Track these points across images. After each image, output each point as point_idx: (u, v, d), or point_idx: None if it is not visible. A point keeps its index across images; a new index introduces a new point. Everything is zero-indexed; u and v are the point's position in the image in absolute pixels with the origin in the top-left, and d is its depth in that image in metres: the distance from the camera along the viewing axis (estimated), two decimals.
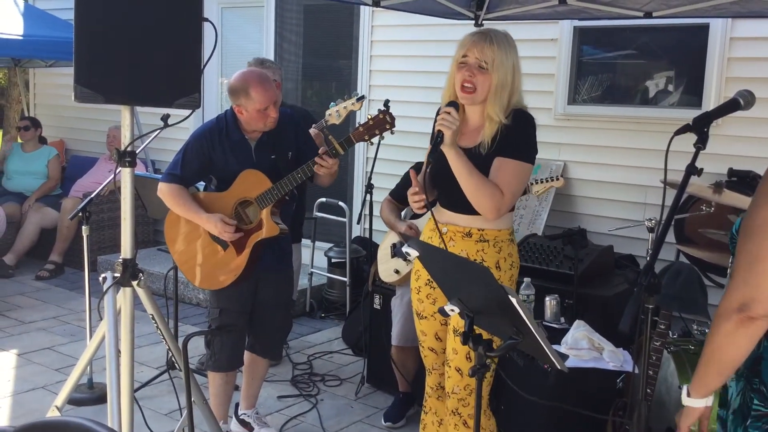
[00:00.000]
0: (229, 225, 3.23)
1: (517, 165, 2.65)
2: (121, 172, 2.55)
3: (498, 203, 2.61)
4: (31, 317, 5.50)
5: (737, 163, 4.44)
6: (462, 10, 4.48)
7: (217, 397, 3.53)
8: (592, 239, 4.74)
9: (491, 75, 2.63)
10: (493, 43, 2.64)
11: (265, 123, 3.29)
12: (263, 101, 3.22)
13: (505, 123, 2.65)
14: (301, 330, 5.43)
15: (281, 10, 6.73)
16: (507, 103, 2.67)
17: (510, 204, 2.67)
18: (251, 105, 3.23)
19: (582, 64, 5.19)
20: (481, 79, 2.64)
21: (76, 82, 2.34)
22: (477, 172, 2.61)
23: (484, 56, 2.63)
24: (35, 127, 7.33)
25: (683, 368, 3.07)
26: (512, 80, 2.66)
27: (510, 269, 2.76)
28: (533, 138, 2.73)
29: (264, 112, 3.25)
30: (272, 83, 3.35)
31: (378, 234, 4.77)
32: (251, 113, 3.25)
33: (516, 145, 2.66)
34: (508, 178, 2.63)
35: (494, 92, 2.64)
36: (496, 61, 2.62)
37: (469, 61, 2.65)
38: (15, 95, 9.26)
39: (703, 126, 1.98)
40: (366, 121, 3.10)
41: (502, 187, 2.61)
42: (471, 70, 2.64)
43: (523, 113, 2.71)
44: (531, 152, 2.72)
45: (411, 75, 5.83)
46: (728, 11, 3.91)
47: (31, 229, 6.79)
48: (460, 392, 2.77)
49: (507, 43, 2.68)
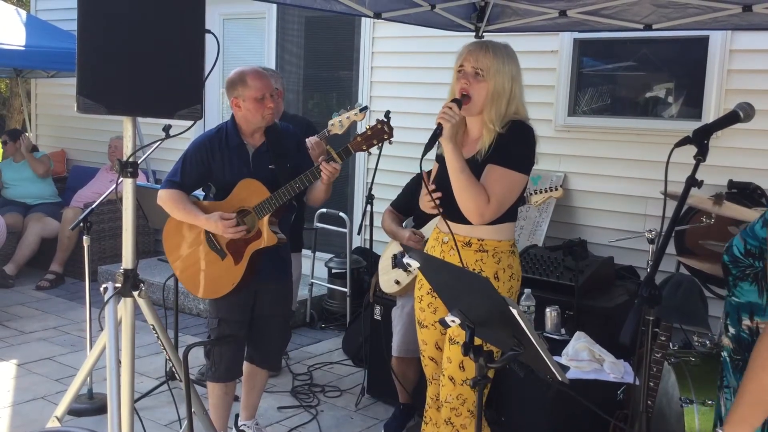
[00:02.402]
0: (228, 220, 3.23)
1: (506, 173, 2.64)
2: (122, 182, 2.55)
3: (482, 208, 2.61)
4: (31, 327, 5.50)
5: (737, 175, 4.45)
6: (463, 22, 4.51)
7: (216, 408, 3.52)
8: (593, 250, 4.74)
9: (487, 83, 2.64)
10: (489, 51, 2.65)
11: (263, 115, 3.30)
12: (260, 88, 3.25)
13: (501, 132, 2.65)
14: (302, 341, 5.42)
15: (283, 22, 6.76)
16: (504, 112, 2.66)
17: (495, 211, 2.64)
18: (248, 93, 3.25)
19: (582, 76, 5.21)
20: (476, 86, 2.65)
21: (79, 92, 2.34)
22: (468, 173, 2.62)
23: (479, 64, 2.64)
24: (13, 139, 7.30)
25: (684, 380, 3.06)
26: (510, 89, 2.66)
27: (509, 280, 2.75)
28: (528, 149, 2.71)
29: (261, 101, 3.27)
30: (268, 75, 3.39)
31: (378, 244, 4.77)
32: (249, 103, 3.27)
33: (508, 153, 2.65)
34: (495, 185, 2.63)
35: (490, 100, 2.64)
36: (492, 69, 2.63)
37: (465, 70, 2.67)
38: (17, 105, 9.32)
39: (703, 138, 1.99)
40: (364, 131, 3.12)
41: (489, 193, 2.62)
42: (467, 78, 2.66)
43: (520, 124, 2.70)
44: (523, 162, 2.70)
45: (412, 86, 5.85)
46: (728, 23, 3.93)
47: (32, 239, 6.80)
48: (452, 401, 2.77)
49: (505, 53, 2.69)
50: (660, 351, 2.99)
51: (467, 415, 2.75)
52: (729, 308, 2.01)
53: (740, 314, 1.95)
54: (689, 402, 2.97)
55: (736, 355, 1.99)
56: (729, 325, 2.02)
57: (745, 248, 1.91)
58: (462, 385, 2.75)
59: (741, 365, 1.97)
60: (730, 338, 2.01)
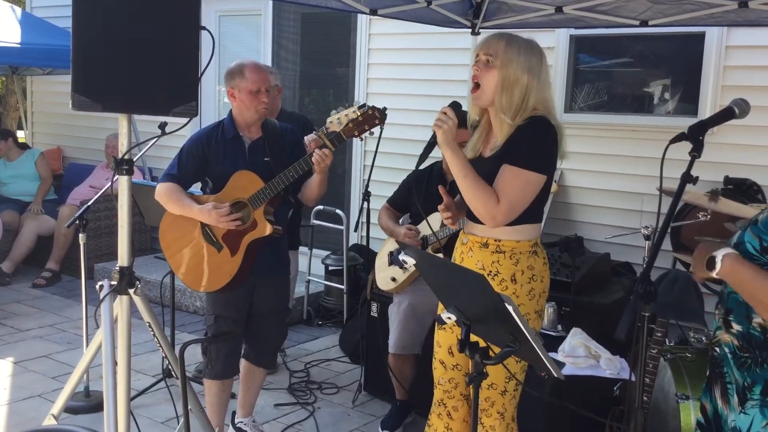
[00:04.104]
0: (222, 209, 3.24)
1: (518, 173, 2.51)
2: (118, 179, 2.55)
3: (492, 210, 2.50)
4: (27, 325, 5.49)
5: (733, 171, 4.46)
6: (459, 19, 4.51)
7: (213, 406, 3.52)
8: (589, 247, 4.75)
9: (497, 70, 2.53)
10: (502, 40, 2.55)
11: (257, 108, 3.34)
12: (256, 81, 3.31)
13: (518, 125, 2.53)
14: (298, 338, 5.42)
15: (279, 19, 6.75)
16: (519, 104, 2.53)
17: (506, 213, 2.51)
18: (244, 84, 3.31)
19: (578, 73, 5.21)
20: (486, 74, 2.55)
21: (74, 90, 2.34)
22: (473, 176, 2.52)
23: (490, 50, 2.54)
24: (5, 138, 7.28)
25: (680, 376, 3.07)
26: (527, 81, 2.52)
27: (529, 282, 2.59)
28: (546, 147, 2.56)
29: (256, 95, 3.32)
30: (267, 72, 3.45)
31: (375, 241, 4.77)
32: (244, 94, 3.32)
33: (521, 151, 2.52)
34: (506, 186, 2.51)
35: (500, 89, 2.53)
36: (503, 57, 2.52)
37: (480, 59, 2.58)
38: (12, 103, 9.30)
39: (698, 134, 1.99)
40: (356, 117, 3.15)
41: (499, 194, 2.50)
42: (478, 66, 2.57)
43: (539, 119, 2.54)
44: (540, 161, 2.53)
45: (408, 83, 5.85)
46: (724, 20, 3.93)
47: (28, 236, 6.78)
48: (445, 384, 2.76)
49: (523, 44, 2.57)
50: (656, 347, 2.99)
51: (459, 398, 2.76)
52: (733, 304, 2.00)
53: (749, 311, 1.94)
54: (685, 398, 2.98)
55: (742, 352, 1.97)
56: (733, 321, 2.00)
57: (761, 245, 1.90)
58: (453, 369, 2.75)
59: (749, 363, 1.96)
60: (735, 335, 2.00)
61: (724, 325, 2.04)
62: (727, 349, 2.03)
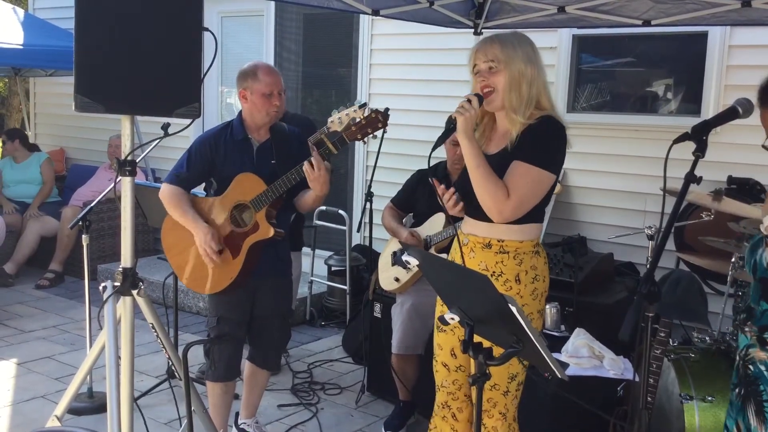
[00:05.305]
0: (214, 244, 3.25)
1: (530, 170, 2.52)
2: (121, 181, 2.55)
3: (500, 204, 2.50)
4: (30, 326, 5.50)
5: (736, 171, 4.45)
6: (461, 19, 4.51)
7: (216, 407, 3.52)
8: (592, 247, 4.75)
9: (503, 72, 2.55)
10: (495, 42, 2.58)
11: (268, 111, 3.33)
12: (270, 84, 3.31)
13: (529, 123, 2.56)
14: (301, 338, 5.42)
15: (281, 19, 6.75)
16: (527, 95, 2.56)
17: (514, 208, 2.52)
18: (257, 86, 3.30)
19: (581, 72, 5.20)
20: (494, 79, 2.57)
21: (77, 91, 2.34)
22: (486, 167, 2.52)
23: (489, 56, 2.57)
24: (12, 139, 7.29)
25: (684, 376, 3.06)
26: (530, 72, 2.56)
27: (533, 282, 2.61)
28: (555, 146, 2.59)
29: (268, 98, 3.31)
30: (280, 75, 3.44)
31: (378, 242, 4.77)
32: (256, 97, 3.31)
33: (533, 149, 2.54)
34: (517, 182, 2.52)
35: (509, 87, 2.55)
36: (503, 57, 2.55)
37: (480, 68, 2.60)
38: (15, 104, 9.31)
39: (701, 134, 1.99)
40: (359, 120, 3.14)
41: (510, 189, 2.51)
42: (483, 74, 2.59)
43: (550, 119, 2.58)
44: (549, 159, 2.56)
45: (411, 83, 5.85)
46: (727, 19, 3.92)
47: (31, 237, 6.79)
48: (449, 386, 2.76)
49: (513, 38, 2.61)
50: (660, 347, 2.98)
51: (463, 400, 2.75)
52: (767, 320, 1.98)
53: None
54: (689, 398, 2.97)
55: None
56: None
57: None
58: (456, 371, 2.74)
59: None
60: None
61: (758, 343, 2.01)
62: (763, 366, 2.00)
